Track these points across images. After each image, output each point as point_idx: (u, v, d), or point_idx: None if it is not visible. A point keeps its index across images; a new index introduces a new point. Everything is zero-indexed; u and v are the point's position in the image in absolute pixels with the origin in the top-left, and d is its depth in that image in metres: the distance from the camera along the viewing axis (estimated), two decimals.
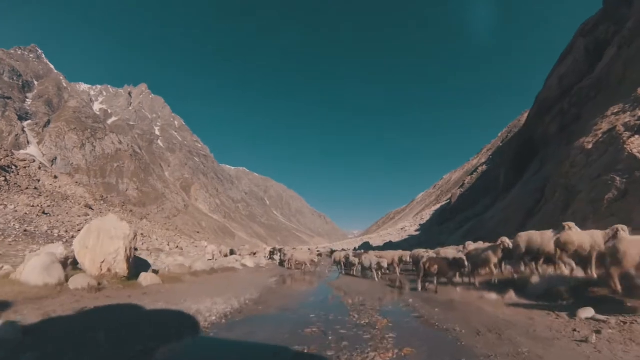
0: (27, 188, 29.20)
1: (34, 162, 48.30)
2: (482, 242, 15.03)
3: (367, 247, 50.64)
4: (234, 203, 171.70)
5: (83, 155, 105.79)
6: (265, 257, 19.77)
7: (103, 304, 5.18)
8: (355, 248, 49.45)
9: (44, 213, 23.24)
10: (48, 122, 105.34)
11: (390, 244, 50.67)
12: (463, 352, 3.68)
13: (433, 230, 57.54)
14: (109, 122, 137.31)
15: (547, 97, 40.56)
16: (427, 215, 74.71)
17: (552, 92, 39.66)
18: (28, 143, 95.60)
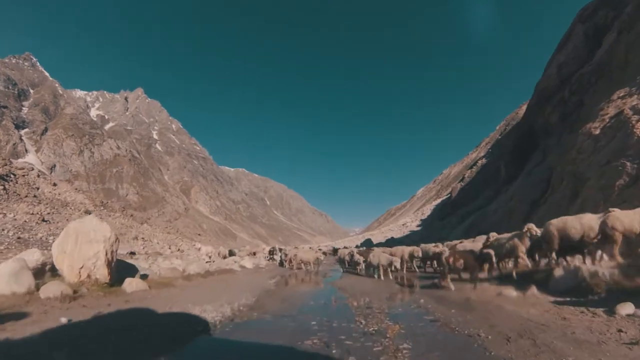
0: (26, 196, 28.90)
1: (33, 170, 47.80)
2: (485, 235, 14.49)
3: (368, 244, 50.20)
4: (235, 204, 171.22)
5: (82, 162, 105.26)
6: (265, 257, 19.11)
7: (73, 316, 4.55)
8: (357, 245, 48.88)
9: (44, 220, 22.93)
10: (45, 129, 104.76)
11: (392, 240, 50.32)
12: None
13: (434, 225, 57.20)
14: (107, 127, 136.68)
15: (546, 86, 39.93)
16: (427, 211, 74.33)
17: (551, 80, 39.02)
18: (26, 151, 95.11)
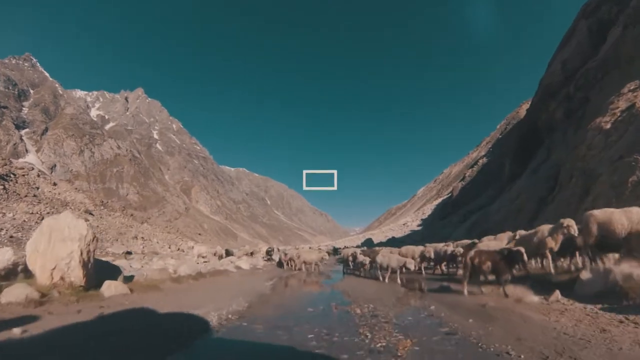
0: (26, 196, 28.79)
1: (33, 169, 47.60)
2: (489, 235, 13.65)
3: (369, 243, 49.67)
4: (235, 204, 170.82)
5: (82, 162, 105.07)
6: (263, 257, 18.46)
7: (31, 326, 3.93)
8: (358, 245, 48.30)
9: (43, 220, 22.58)
10: (45, 129, 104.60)
11: (393, 240, 49.78)
12: None
13: (435, 225, 56.72)
14: (107, 127, 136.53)
15: (550, 82, 39.34)
16: (428, 210, 73.91)
17: (555, 77, 38.43)
18: (26, 151, 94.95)
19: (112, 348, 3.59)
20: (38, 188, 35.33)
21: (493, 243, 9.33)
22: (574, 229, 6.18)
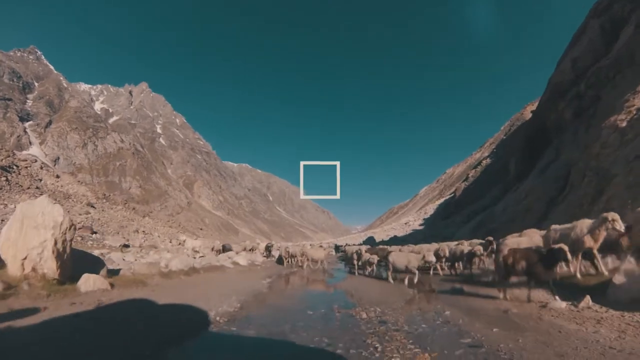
0: (28, 188, 28.76)
1: (36, 162, 47.61)
2: (495, 235, 12.89)
3: (371, 242, 49.24)
4: (237, 199, 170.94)
5: (85, 155, 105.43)
6: (262, 253, 17.90)
7: None
8: (360, 243, 47.83)
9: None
10: (49, 122, 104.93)
11: (396, 239, 49.26)
12: None
13: (437, 225, 56.26)
14: (110, 121, 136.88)
15: (560, 80, 38.47)
16: (430, 210, 73.54)
17: (565, 75, 37.56)
18: (30, 144, 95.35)
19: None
20: (41, 180, 35.30)
21: (523, 240, 8.08)
22: (620, 225, 5.38)
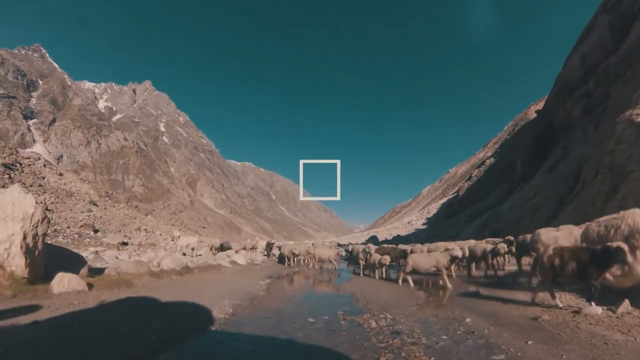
0: (31, 185, 28.72)
1: (39, 159, 47.73)
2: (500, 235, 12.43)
3: (374, 241, 49.10)
4: (240, 198, 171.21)
5: (89, 153, 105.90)
6: (262, 252, 17.56)
7: None
8: (363, 242, 47.65)
9: (47, 209, 22.58)
10: (53, 120, 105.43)
11: (399, 238, 48.97)
12: None
13: (441, 224, 55.95)
14: (114, 119, 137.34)
15: (568, 77, 37.92)
16: (433, 209, 73.17)
17: (574, 72, 36.99)
18: (34, 141, 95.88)
19: None
20: (44, 178, 35.32)
21: (561, 235, 6.89)
22: None
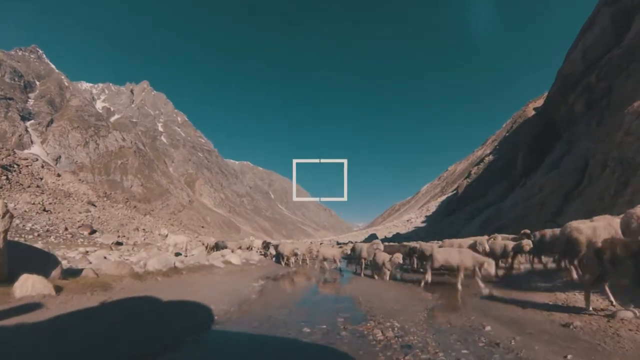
0: (29, 186, 28.37)
1: (37, 160, 47.27)
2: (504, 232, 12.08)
3: (374, 239, 48.76)
4: (239, 197, 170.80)
5: (87, 153, 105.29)
6: (258, 251, 17.11)
7: None
8: (363, 240, 47.34)
9: (45, 210, 22.49)
10: (51, 121, 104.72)
11: (398, 236, 48.76)
12: None
13: (440, 222, 55.88)
14: (112, 119, 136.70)
15: (570, 72, 37.68)
16: (432, 207, 73.17)
17: (576, 66, 36.74)
18: (32, 143, 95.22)
19: None
20: (42, 179, 34.90)
21: (600, 226, 5.85)
22: None
